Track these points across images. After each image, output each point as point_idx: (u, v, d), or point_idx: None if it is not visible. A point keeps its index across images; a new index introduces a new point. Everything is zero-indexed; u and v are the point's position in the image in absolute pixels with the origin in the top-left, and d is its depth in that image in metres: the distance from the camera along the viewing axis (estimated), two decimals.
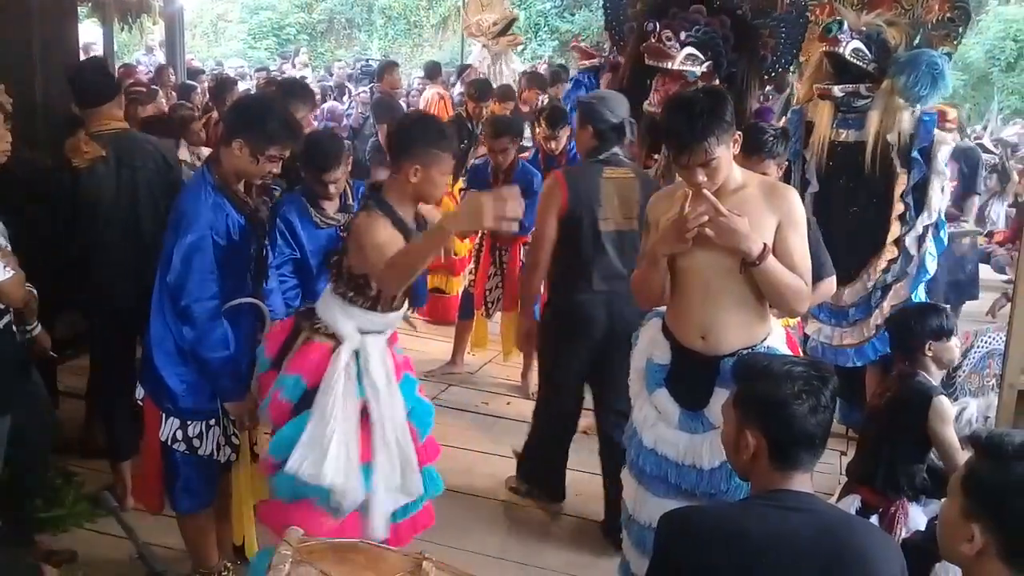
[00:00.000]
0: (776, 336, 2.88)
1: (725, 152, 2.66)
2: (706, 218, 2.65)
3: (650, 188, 3.71)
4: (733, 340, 2.76)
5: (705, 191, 2.65)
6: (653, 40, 4.14)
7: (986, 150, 9.40)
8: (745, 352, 2.66)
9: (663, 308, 2.96)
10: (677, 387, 2.86)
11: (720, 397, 2.52)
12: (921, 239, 4.17)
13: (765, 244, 2.67)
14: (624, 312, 3.68)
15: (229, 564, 3.48)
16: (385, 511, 2.97)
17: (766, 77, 4.47)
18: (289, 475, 2.83)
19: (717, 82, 4.28)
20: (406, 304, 3.14)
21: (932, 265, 4.24)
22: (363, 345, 2.95)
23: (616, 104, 3.90)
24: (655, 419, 2.88)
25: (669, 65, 4.11)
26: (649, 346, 2.97)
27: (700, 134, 2.60)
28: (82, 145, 3.76)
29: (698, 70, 4.17)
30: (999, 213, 9.49)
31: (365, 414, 2.92)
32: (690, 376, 2.82)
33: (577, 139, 4.11)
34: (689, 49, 4.10)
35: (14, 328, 3.20)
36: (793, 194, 2.83)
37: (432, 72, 10.89)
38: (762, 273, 2.68)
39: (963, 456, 2.97)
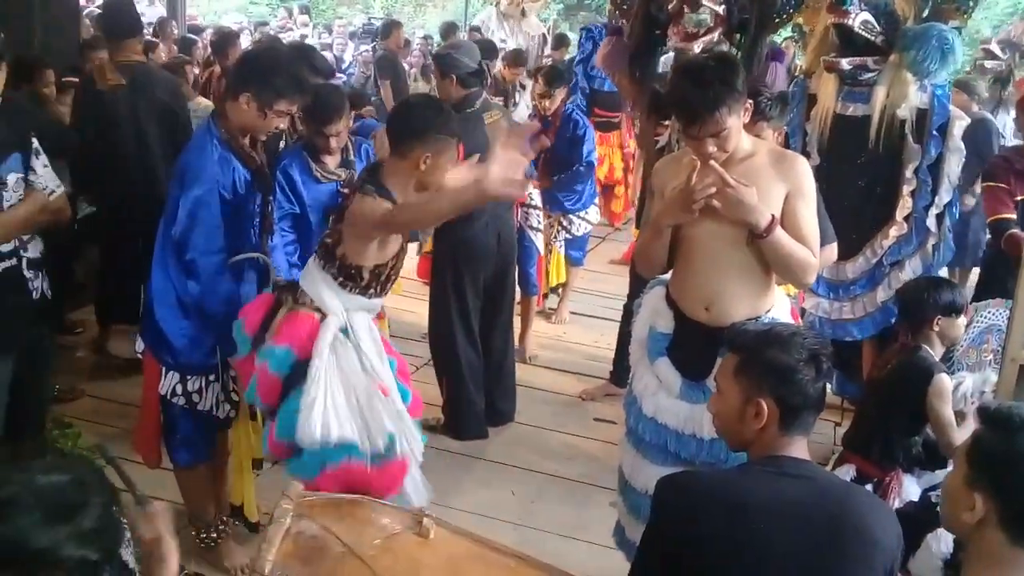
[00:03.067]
0: (780, 307, 2.86)
1: (736, 122, 2.62)
2: (713, 190, 2.62)
3: (517, 123, 4.43)
4: (738, 311, 2.73)
5: (712, 162, 2.62)
6: None
7: (993, 56, 8.92)
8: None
9: (666, 276, 2.95)
10: (679, 357, 2.85)
11: None
12: (941, 217, 4.14)
13: (773, 216, 2.64)
14: (506, 236, 4.47)
15: (225, 518, 3.50)
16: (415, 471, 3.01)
17: (776, 21, 4.37)
18: (311, 451, 2.80)
19: (725, 34, 4.16)
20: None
21: (950, 249, 4.23)
22: (350, 321, 2.93)
23: (471, 51, 4.33)
24: (656, 388, 2.87)
25: None
26: (652, 315, 2.94)
27: (711, 104, 2.55)
28: (108, 72, 4.37)
29: (718, 9, 4.09)
30: (1004, 123, 8.77)
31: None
32: (693, 346, 2.80)
33: (441, 91, 4.34)
34: None
35: (24, 273, 3.04)
36: (802, 163, 2.79)
37: (447, 33, 10.56)
38: (769, 245, 2.65)
39: (957, 433, 3.01)
